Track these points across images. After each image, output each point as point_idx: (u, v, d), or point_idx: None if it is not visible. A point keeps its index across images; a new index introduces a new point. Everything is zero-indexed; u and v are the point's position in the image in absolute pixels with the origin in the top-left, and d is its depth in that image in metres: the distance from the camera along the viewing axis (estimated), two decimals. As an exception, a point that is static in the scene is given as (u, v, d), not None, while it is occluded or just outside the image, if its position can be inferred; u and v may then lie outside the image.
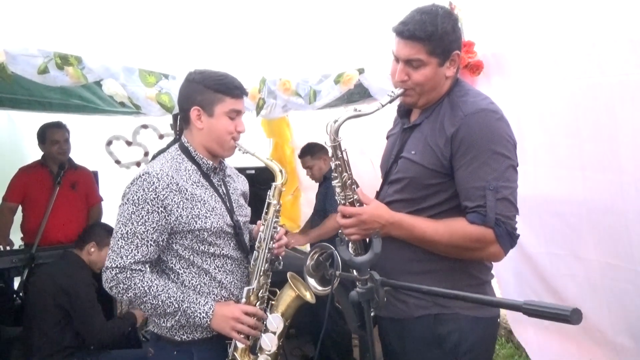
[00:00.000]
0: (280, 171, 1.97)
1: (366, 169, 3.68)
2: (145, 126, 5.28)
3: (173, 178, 1.79)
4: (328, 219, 3.88)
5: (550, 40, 2.33)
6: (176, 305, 1.75)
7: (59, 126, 3.83)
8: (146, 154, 5.30)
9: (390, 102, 1.75)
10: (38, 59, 2.24)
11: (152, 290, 1.73)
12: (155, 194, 1.74)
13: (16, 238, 3.98)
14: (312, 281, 1.88)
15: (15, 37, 2.24)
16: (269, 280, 1.94)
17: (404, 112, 1.92)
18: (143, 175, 1.77)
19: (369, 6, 2.90)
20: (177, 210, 1.77)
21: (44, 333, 2.78)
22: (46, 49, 2.25)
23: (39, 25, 2.39)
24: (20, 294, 3.50)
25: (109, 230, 3.11)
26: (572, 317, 0.90)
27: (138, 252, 1.73)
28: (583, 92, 2.17)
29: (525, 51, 2.48)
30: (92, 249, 2.96)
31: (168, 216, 1.76)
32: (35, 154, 4.05)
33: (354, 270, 1.55)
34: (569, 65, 2.22)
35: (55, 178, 3.80)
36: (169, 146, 4.19)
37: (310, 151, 4.03)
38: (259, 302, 1.90)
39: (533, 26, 2.42)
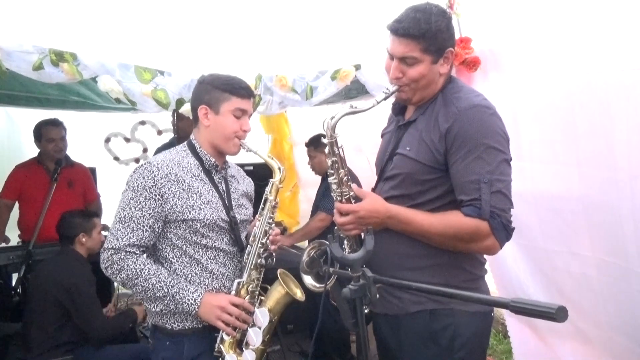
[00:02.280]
0: (279, 168, 2.03)
1: (362, 167, 3.68)
2: (143, 122, 5.29)
3: (172, 169, 1.89)
4: (312, 219, 3.89)
5: (547, 37, 2.32)
6: (165, 290, 1.82)
7: (55, 124, 3.80)
8: (145, 150, 5.31)
9: (385, 98, 1.77)
10: (33, 55, 2.24)
11: (144, 273, 1.81)
12: (154, 182, 1.84)
13: (13, 235, 3.99)
14: (308, 278, 1.89)
15: (10, 34, 2.24)
16: (261, 275, 1.98)
17: (399, 109, 1.94)
18: (145, 164, 1.89)
19: (365, 2, 2.89)
20: (172, 199, 1.86)
21: (43, 329, 2.79)
22: (41, 45, 2.25)
23: (34, 21, 2.38)
24: (18, 290, 3.51)
25: (84, 214, 3.13)
26: (557, 314, 0.91)
27: (133, 236, 1.82)
28: (579, 89, 2.16)
29: (522, 48, 2.47)
30: (84, 239, 2.97)
31: (164, 204, 1.85)
32: (33, 150, 4.05)
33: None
34: (566, 62, 2.22)
35: (52, 175, 3.79)
36: (170, 141, 4.21)
37: (315, 143, 4.01)
38: (248, 296, 1.94)
39: (530, 23, 2.42)
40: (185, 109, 2.60)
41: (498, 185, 1.62)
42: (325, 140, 1.79)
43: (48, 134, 3.78)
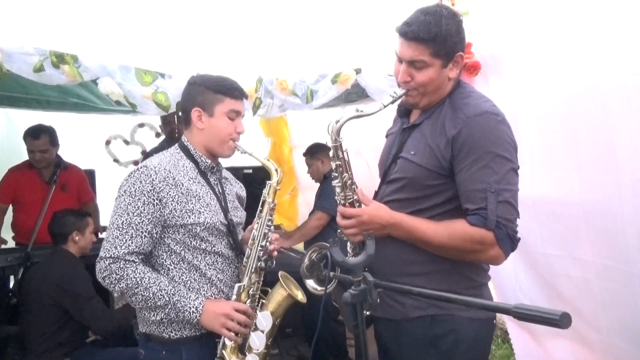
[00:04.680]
0: (276, 170, 2.00)
1: (362, 170, 3.68)
2: (142, 125, 5.31)
3: (170, 172, 1.84)
4: (309, 219, 3.91)
5: (547, 42, 2.32)
6: (167, 298, 1.77)
7: (34, 136, 3.76)
8: (143, 152, 5.32)
9: (393, 102, 1.76)
10: (34, 57, 2.22)
11: (144, 281, 1.75)
12: (152, 186, 1.78)
13: (8, 237, 3.99)
14: (310, 282, 1.87)
15: (11, 35, 2.23)
16: (261, 278, 1.95)
17: (404, 111, 1.92)
18: (141, 168, 1.83)
19: (366, 6, 2.90)
20: (171, 204, 1.81)
21: (40, 331, 2.79)
22: (42, 47, 2.24)
23: (35, 23, 2.38)
24: (16, 292, 3.49)
25: (77, 213, 3.15)
26: (561, 321, 0.90)
27: (132, 243, 1.76)
28: (580, 94, 2.16)
29: (523, 52, 2.47)
30: (77, 237, 2.98)
31: (162, 209, 1.80)
32: (32, 153, 4.04)
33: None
34: (567, 67, 2.22)
35: (50, 179, 3.81)
36: (161, 144, 4.24)
37: (310, 152, 4.10)
38: (249, 300, 1.91)
39: (531, 27, 2.42)
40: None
41: (505, 195, 1.61)
42: (329, 144, 1.78)
43: (29, 146, 3.79)
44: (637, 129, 1.94)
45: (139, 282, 1.75)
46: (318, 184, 4.16)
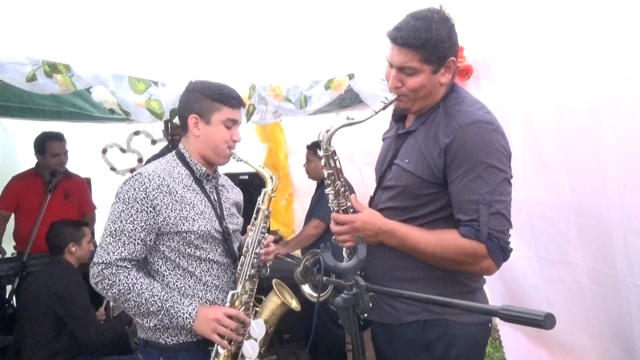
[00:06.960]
0: (271, 178, 2.01)
1: (355, 177, 3.68)
2: (137, 132, 5.31)
3: (164, 180, 1.84)
4: (306, 227, 3.89)
5: (538, 46, 2.34)
6: (159, 304, 1.77)
7: (59, 139, 3.85)
8: (140, 160, 5.33)
9: (384, 108, 1.73)
10: (26, 67, 2.24)
11: (136, 287, 1.76)
12: (145, 194, 1.79)
13: (9, 247, 3.98)
14: (306, 288, 1.88)
15: (3, 45, 2.25)
16: (255, 286, 1.95)
17: (399, 116, 1.90)
18: (135, 175, 1.84)
19: (358, 11, 2.91)
20: (165, 211, 1.81)
21: (36, 341, 2.79)
22: (34, 56, 2.25)
23: (27, 33, 2.39)
24: (12, 302, 3.49)
25: (74, 223, 3.16)
26: (544, 322, 0.91)
27: (125, 250, 1.77)
28: (569, 98, 2.17)
29: (513, 56, 2.49)
30: (74, 248, 2.99)
31: (156, 216, 1.80)
32: (28, 161, 4.05)
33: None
34: (556, 71, 2.23)
35: (46, 186, 3.80)
36: (162, 152, 4.21)
37: (314, 147, 3.99)
38: (243, 307, 1.91)
39: (522, 32, 2.44)
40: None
41: (497, 207, 1.59)
42: (321, 153, 1.77)
43: (53, 149, 3.82)
44: (623, 133, 1.95)
45: (131, 288, 1.75)
46: (313, 190, 4.16)
